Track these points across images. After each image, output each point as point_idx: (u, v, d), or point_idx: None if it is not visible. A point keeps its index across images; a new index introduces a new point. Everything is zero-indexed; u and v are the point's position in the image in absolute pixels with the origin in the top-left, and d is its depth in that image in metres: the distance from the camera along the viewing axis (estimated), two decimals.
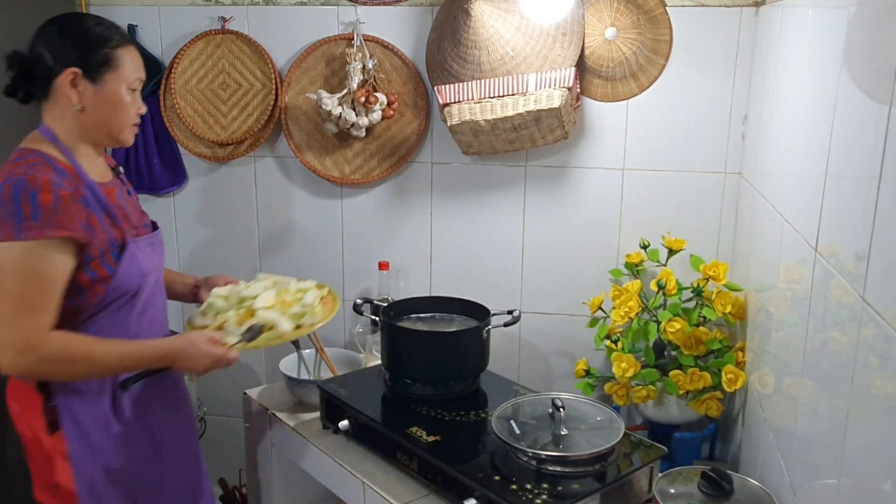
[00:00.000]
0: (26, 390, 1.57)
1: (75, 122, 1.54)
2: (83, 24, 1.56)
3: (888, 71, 0.93)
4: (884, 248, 0.92)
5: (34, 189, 1.42)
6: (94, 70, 1.52)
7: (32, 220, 1.41)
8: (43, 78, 1.53)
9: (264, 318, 1.67)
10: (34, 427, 1.57)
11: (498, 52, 2.01)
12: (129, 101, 1.57)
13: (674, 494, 1.41)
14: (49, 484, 1.58)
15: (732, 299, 1.89)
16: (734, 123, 2.06)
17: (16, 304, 1.43)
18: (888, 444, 0.88)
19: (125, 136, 1.60)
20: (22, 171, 1.44)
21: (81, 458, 1.56)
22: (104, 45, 1.53)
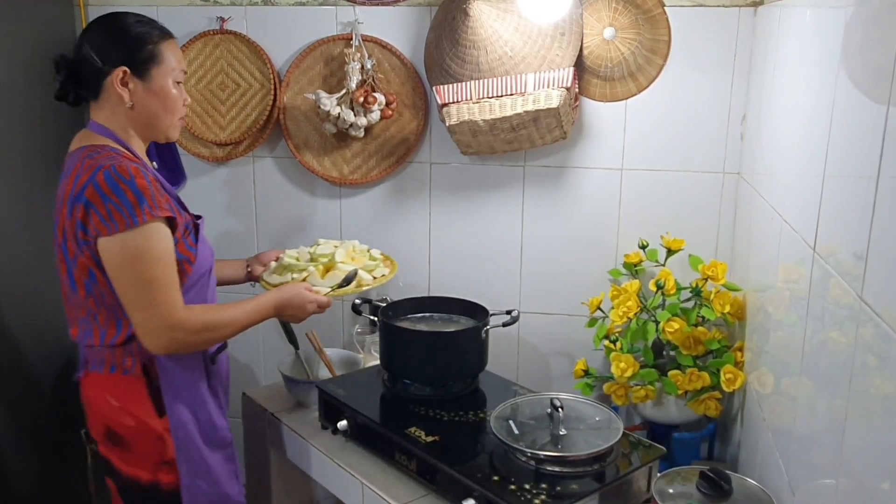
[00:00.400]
0: (125, 381, 1.62)
1: (126, 119, 1.61)
2: (125, 23, 1.60)
3: (886, 71, 0.93)
4: (882, 247, 0.92)
5: (128, 177, 1.48)
6: (141, 67, 1.58)
7: (139, 206, 1.47)
8: (93, 79, 1.59)
9: (346, 270, 1.91)
10: (139, 413, 1.62)
11: (496, 52, 2.01)
12: (175, 94, 1.63)
13: (672, 494, 1.41)
14: (162, 461, 1.65)
15: (731, 299, 1.89)
16: (732, 123, 2.06)
17: (153, 287, 1.51)
18: (886, 444, 0.88)
19: (173, 130, 1.68)
20: (106, 163, 1.50)
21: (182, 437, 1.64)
22: (147, 41, 1.59)
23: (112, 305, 1.57)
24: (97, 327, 1.61)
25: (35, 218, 2.29)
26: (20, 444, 2.24)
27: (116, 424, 1.64)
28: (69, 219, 1.52)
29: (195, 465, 1.67)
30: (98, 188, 1.47)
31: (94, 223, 1.48)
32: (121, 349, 1.61)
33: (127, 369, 1.62)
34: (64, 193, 1.54)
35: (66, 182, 1.55)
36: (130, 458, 1.66)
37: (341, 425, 1.81)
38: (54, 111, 2.36)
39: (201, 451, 1.68)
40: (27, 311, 2.26)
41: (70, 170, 1.55)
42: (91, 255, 1.52)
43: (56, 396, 2.38)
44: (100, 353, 1.63)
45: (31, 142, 2.27)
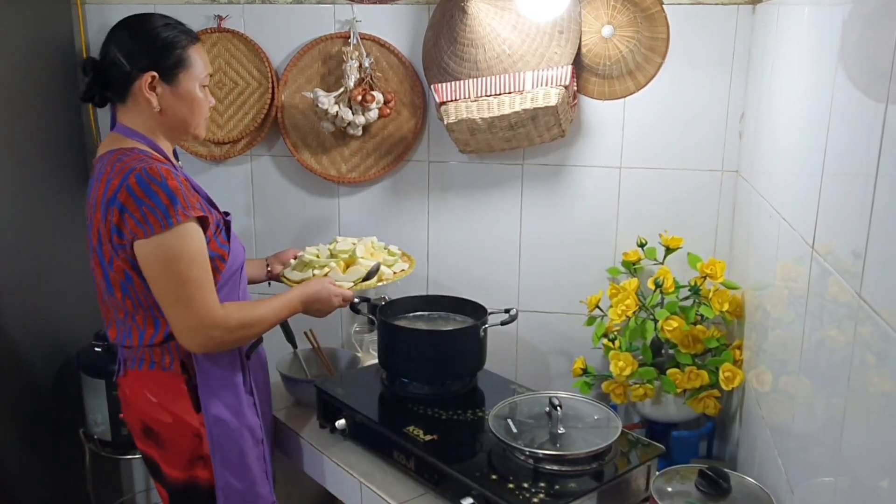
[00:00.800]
0: (164, 377, 1.64)
1: (154, 122, 1.62)
2: (153, 26, 1.60)
3: (884, 69, 0.93)
4: (880, 245, 0.92)
5: (159, 179, 1.49)
6: (169, 72, 1.59)
7: (172, 207, 1.49)
8: (120, 83, 1.59)
9: (367, 265, 1.95)
10: (176, 410, 1.64)
11: (494, 50, 2.01)
12: (202, 97, 1.65)
13: (671, 493, 1.41)
14: (196, 458, 1.67)
15: (730, 297, 1.89)
16: (731, 121, 2.06)
17: (189, 287, 1.53)
18: (885, 442, 0.88)
19: (199, 131, 1.70)
20: (136, 166, 1.50)
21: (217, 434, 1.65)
22: (176, 46, 1.60)
23: (149, 305, 1.59)
24: (136, 328, 1.63)
25: (33, 217, 2.29)
26: (19, 444, 2.24)
27: (153, 421, 1.66)
28: (104, 222, 1.53)
29: (229, 463, 1.68)
30: (131, 191, 1.48)
31: (129, 227, 1.49)
32: (159, 348, 1.63)
33: (166, 367, 1.64)
34: (96, 197, 1.54)
35: (97, 186, 1.55)
36: (166, 457, 1.68)
37: (340, 424, 1.81)
38: (52, 110, 2.37)
39: (236, 449, 1.68)
40: (26, 311, 2.26)
41: (101, 173, 1.55)
42: (126, 257, 1.53)
43: (55, 397, 2.38)
44: (139, 351, 1.65)
45: (28, 141, 2.26)
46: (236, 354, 1.70)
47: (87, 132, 2.51)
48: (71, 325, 2.44)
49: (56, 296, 2.39)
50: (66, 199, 2.43)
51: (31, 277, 2.28)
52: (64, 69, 2.41)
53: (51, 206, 2.35)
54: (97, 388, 2.27)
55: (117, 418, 2.27)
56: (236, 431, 1.68)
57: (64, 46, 2.41)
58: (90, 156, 2.53)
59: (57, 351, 2.39)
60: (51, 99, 2.36)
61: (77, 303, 2.45)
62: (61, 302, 2.40)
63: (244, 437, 1.70)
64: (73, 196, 2.47)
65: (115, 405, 2.26)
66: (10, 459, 2.20)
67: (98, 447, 2.35)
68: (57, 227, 2.37)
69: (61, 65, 2.40)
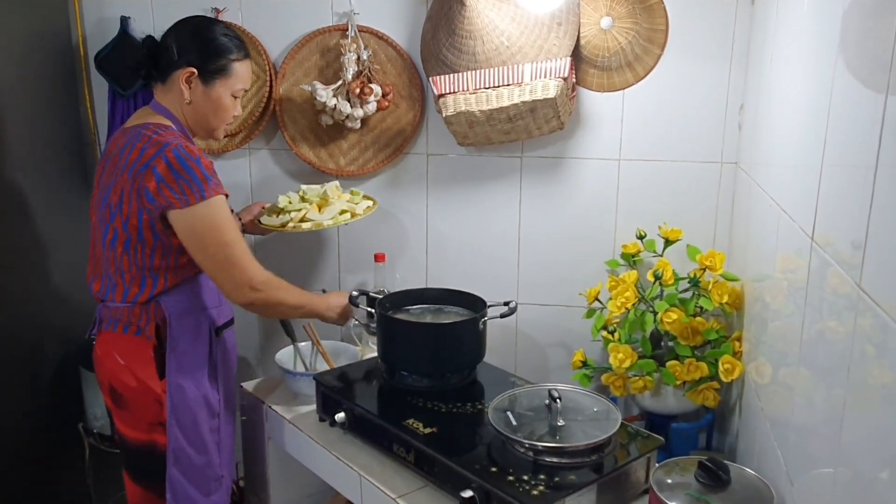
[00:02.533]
0: (134, 342, 1.76)
1: (181, 110, 1.79)
2: (213, 32, 1.78)
3: (884, 60, 0.93)
4: (880, 236, 0.92)
5: (194, 156, 1.66)
6: (208, 74, 1.76)
7: (206, 182, 1.66)
8: (165, 66, 1.77)
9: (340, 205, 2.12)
10: (142, 375, 1.76)
11: (493, 42, 2.00)
12: (228, 105, 1.81)
13: (671, 485, 1.41)
14: (155, 423, 1.78)
15: (729, 289, 1.89)
16: (730, 113, 2.06)
17: (231, 248, 1.69)
18: (885, 434, 0.88)
19: (218, 133, 1.87)
20: (173, 141, 1.67)
21: (176, 398, 1.77)
22: (224, 55, 1.77)
23: (143, 267, 1.72)
24: (122, 285, 1.75)
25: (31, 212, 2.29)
26: (18, 439, 2.24)
27: (119, 383, 1.77)
28: (132, 183, 1.66)
29: (184, 428, 1.79)
30: (170, 164, 1.63)
31: (164, 196, 1.64)
32: (139, 308, 1.75)
33: (140, 328, 1.75)
34: (129, 161, 1.67)
35: (130, 151, 1.68)
36: (128, 418, 1.80)
37: (339, 417, 1.81)
38: (49, 105, 2.36)
39: (191, 416, 1.79)
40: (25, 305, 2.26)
41: (136, 141, 1.69)
42: (150, 220, 1.67)
43: (54, 391, 2.38)
44: (117, 311, 1.77)
45: (25, 135, 2.26)
46: (207, 328, 1.83)
47: (84, 126, 2.50)
48: (70, 320, 2.43)
49: (54, 290, 2.38)
50: (63, 194, 2.43)
51: (28, 272, 2.28)
52: (61, 63, 2.40)
53: (48, 201, 2.34)
54: (96, 382, 2.27)
55: None
56: (193, 400, 1.79)
57: (61, 41, 2.40)
58: (88, 150, 2.52)
59: (56, 345, 2.39)
60: (48, 93, 2.36)
61: (75, 297, 2.44)
62: (60, 296, 2.40)
63: (200, 406, 1.81)
64: (70, 190, 2.46)
65: None
66: (9, 454, 2.20)
67: (97, 441, 2.36)
68: (55, 220, 2.37)
69: (58, 59, 2.39)
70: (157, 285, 1.75)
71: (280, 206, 2.16)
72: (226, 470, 1.91)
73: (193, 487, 1.83)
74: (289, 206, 2.14)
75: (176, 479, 1.80)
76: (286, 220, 2.10)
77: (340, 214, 2.11)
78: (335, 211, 2.11)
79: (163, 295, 1.76)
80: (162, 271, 1.75)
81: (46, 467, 2.36)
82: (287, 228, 2.09)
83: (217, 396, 1.86)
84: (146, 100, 2.35)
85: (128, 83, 2.35)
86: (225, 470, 1.91)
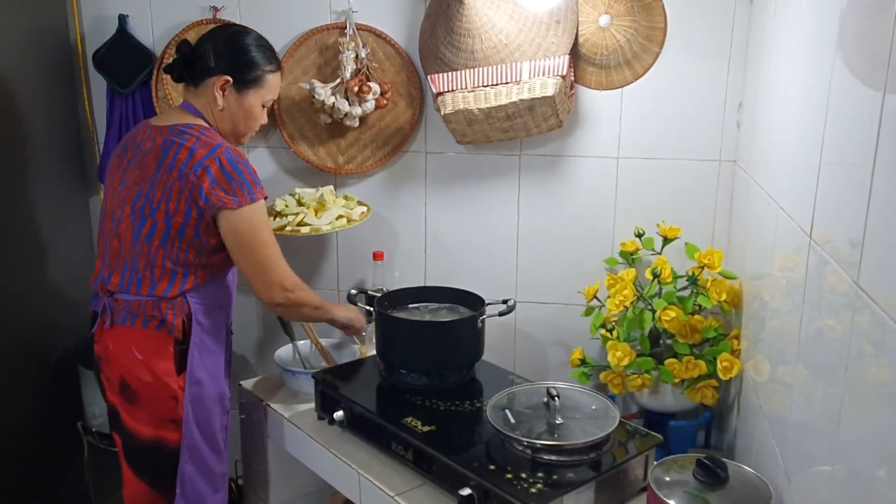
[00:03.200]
0: (154, 337, 1.77)
1: (213, 114, 1.83)
2: (248, 42, 1.83)
3: (882, 58, 0.93)
4: (878, 234, 0.92)
5: (242, 159, 1.74)
6: (242, 84, 1.82)
7: (255, 185, 1.74)
8: (200, 73, 1.81)
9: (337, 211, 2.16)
10: (159, 371, 1.77)
11: (491, 40, 2.00)
12: (259, 114, 1.88)
13: (669, 482, 1.41)
14: (167, 419, 1.80)
15: (727, 287, 1.89)
16: (729, 111, 2.05)
17: (270, 249, 1.77)
18: (882, 432, 0.88)
19: (244, 140, 1.92)
20: (223, 143, 1.74)
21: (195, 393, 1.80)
22: (259, 66, 1.82)
23: (178, 261, 1.75)
24: (150, 278, 1.76)
25: (29, 210, 2.28)
26: (17, 437, 2.24)
27: (133, 378, 1.77)
28: (183, 181, 1.70)
29: (200, 424, 1.81)
30: (223, 166, 1.69)
31: (216, 195, 1.69)
32: (166, 302, 1.76)
33: (164, 323, 1.77)
34: (178, 159, 1.70)
35: (177, 151, 1.71)
36: (137, 413, 1.79)
37: (338, 416, 1.81)
38: (48, 103, 2.36)
39: (206, 412, 1.82)
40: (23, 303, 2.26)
41: (183, 141, 1.72)
42: (198, 218, 1.72)
43: (53, 389, 2.38)
44: (138, 305, 1.77)
45: (24, 133, 2.26)
46: (223, 326, 1.88)
47: (82, 124, 2.50)
48: (68, 318, 2.43)
49: (53, 288, 2.38)
50: (62, 192, 2.42)
51: (27, 270, 2.28)
52: (59, 62, 2.40)
53: (47, 199, 2.34)
54: (95, 380, 2.27)
55: None
56: (210, 397, 1.83)
57: (59, 39, 2.40)
58: (86, 146, 2.52)
59: (55, 344, 2.39)
60: (46, 92, 2.35)
61: (74, 295, 2.44)
62: (58, 294, 2.40)
63: (215, 403, 1.85)
64: (69, 188, 2.46)
65: None
66: (8, 452, 2.20)
67: (96, 440, 2.36)
68: (53, 219, 2.36)
69: (57, 57, 2.39)
70: (188, 281, 1.77)
71: (277, 210, 2.18)
72: (227, 466, 1.94)
73: (203, 484, 1.84)
74: (286, 209, 2.17)
75: (188, 476, 1.81)
76: (283, 224, 2.13)
77: (337, 220, 2.15)
78: (332, 216, 2.15)
79: (191, 291, 1.78)
80: (194, 268, 1.78)
81: (45, 466, 2.36)
82: (285, 232, 2.11)
83: (229, 394, 1.90)
84: (144, 98, 2.37)
85: (126, 81, 2.35)
86: (226, 466, 1.93)
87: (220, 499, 1.89)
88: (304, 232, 2.12)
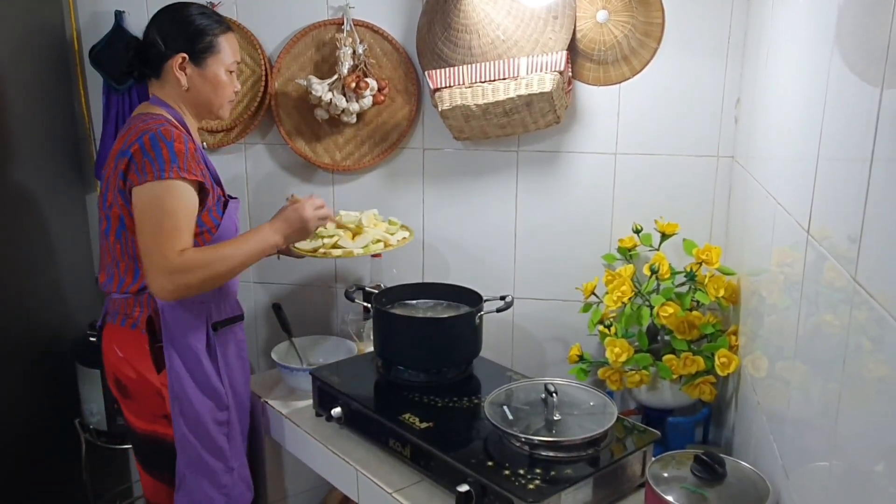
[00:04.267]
0: (131, 335, 1.76)
1: (182, 99, 1.79)
2: (189, 13, 1.78)
3: (879, 53, 0.93)
4: (876, 229, 0.91)
5: (169, 139, 1.65)
6: (198, 55, 1.76)
7: (170, 164, 1.63)
8: (155, 61, 1.77)
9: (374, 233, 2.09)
10: (140, 368, 1.77)
11: (489, 35, 2.00)
12: (226, 81, 1.81)
13: (667, 478, 1.41)
14: (160, 415, 1.81)
15: (725, 283, 1.89)
16: (727, 107, 2.05)
17: (160, 236, 1.63)
18: (880, 427, 0.88)
19: (223, 112, 1.85)
20: (154, 127, 1.66)
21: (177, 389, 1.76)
22: (208, 33, 1.77)
23: (133, 254, 1.72)
24: (118, 275, 1.77)
25: (26, 207, 2.28)
26: (14, 435, 2.24)
27: (122, 375, 1.80)
28: (113, 170, 1.68)
29: (187, 419, 1.78)
30: (142, 146, 1.63)
31: (130, 174, 1.64)
32: (133, 298, 1.77)
33: (135, 322, 1.76)
34: (115, 151, 1.70)
35: (118, 141, 1.71)
36: (135, 408, 1.83)
37: (335, 412, 1.81)
38: (43, 99, 2.35)
39: (193, 408, 1.78)
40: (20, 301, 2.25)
41: (124, 131, 1.72)
42: (125, 203, 1.68)
43: (50, 386, 2.37)
44: (117, 303, 1.79)
45: (19, 129, 2.25)
46: (203, 320, 1.80)
47: (79, 121, 2.50)
48: (65, 315, 2.43)
49: (49, 285, 2.38)
50: (59, 189, 2.42)
51: (24, 266, 2.27)
52: (55, 58, 2.39)
53: (44, 196, 2.34)
54: (92, 377, 2.27)
55: (113, 408, 2.27)
56: (194, 392, 1.78)
57: (55, 35, 2.39)
58: (82, 143, 2.52)
59: (51, 341, 2.38)
60: (42, 88, 2.35)
61: (71, 292, 2.44)
62: (55, 292, 2.39)
63: (203, 399, 1.79)
64: (66, 185, 2.45)
65: (110, 395, 2.26)
66: (5, 450, 2.20)
67: (94, 437, 2.35)
68: (50, 215, 2.36)
69: (53, 53, 2.38)
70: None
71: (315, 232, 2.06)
72: (238, 462, 1.88)
73: (202, 478, 1.82)
74: (323, 230, 2.08)
75: (182, 471, 1.81)
76: (317, 246, 2.06)
77: (374, 243, 2.07)
78: (368, 240, 2.06)
79: None
80: None
81: (43, 463, 2.36)
82: (318, 254, 2.04)
83: (223, 390, 1.83)
84: (141, 94, 2.36)
85: (122, 78, 2.34)
86: (237, 462, 1.88)
87: (227, 492, 1.86)
88: (336, 255, 2.04)
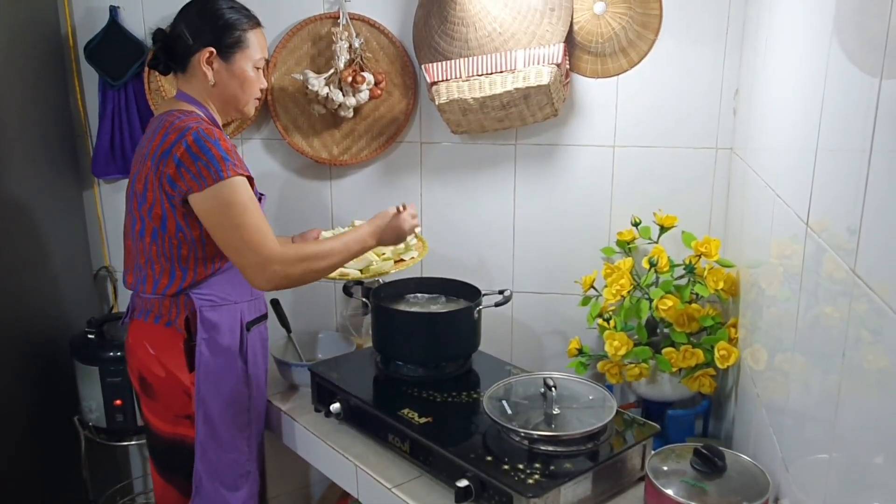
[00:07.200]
0: (166, 332, 1.75)
1: (208, 94, 1.77)
2: (218, 7, 1.74)
3: (878, 43, 0.92)
4: (875, 221, 0.91)
5: (214, 138, 1.63)
6: (226, 50, 1.73)
7: (225, 162, 1.62)
8: (182, 55, 1.74)
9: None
10: (170, 366, 1.76)
11: (485, 28, 1.99)
12: (253, 78, 1.78)
13: (667, 472, 1.41)
14: (182, 415, 1.79)
15: (724, 276, 1.88)
16: (725, 98, 2.04)
17: (245, 230, 1.63)
18: (880, 419, 0.87)
19: (248, 108, 1.83)
20: (194, 125, 1.64)
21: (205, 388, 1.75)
22: (237, 28, 1.74)
23: (171, 257, 1.71)
24: (151, 276, 1.74)
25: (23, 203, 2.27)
26: (13, 433, 2.23)
27: (148, 372, 1.78)
28: (155, 171, 1.65)
29: (213, 424, 1.77)
30: (188, 148, 1.61)
31: (185, 180, 1.62)
32: (169, 300, 1.74)
33: (171, 321, 1.74)
34: (151, 148, 1.66)
35: (153, 139, 1.67)
36: (156, 408, 1.81)
37: (334, 408, 1.81)
38: (38, 95, 2.34)
39: (218, 410, 1.77)
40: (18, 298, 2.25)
41: (158, 128, 1.67)
42: (171, 207, 1.66)
43: (48, 384, 2.37)
44: (149, 302, 1.76)
45: (15, 126, 2.24)
46: (237, 322, 1.79)
47: (75, 118, 2.49)
48: (63, 313, 2.43)
49: (48, 283, 2.37)
50: (55, 185, 2.41)
51: (21, 264, 2.27)
52: (50, 54, 2.38)
53: (40, 193, 2.33)
54: (91, 375, 2.27)
55: (112, 405, 2.27)
56: (222, 394, 1.77)
57: (49, 31, 2.38)
58: (78, 140, 2.51)
59: (50, 338, 2.38)
60: (37, 85, 2.33)
61: (69, 289, 2.43)
62: (53, 289, 2.39)
63: (229, 401, 1.78)
64: (62, 181, 2.45)
65: (109, 392, 2.26)
66: (4, 448, 2.20)
67: (93, 434, 2.35)
68: (46, 213, 2.35)
69: (47, 50, 2.37)
70: (187, 278, 1.72)
71: None
72: (255, 465, 1.88)
73: (219, 483, 1.80)
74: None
75: (201, 474, 1.79)
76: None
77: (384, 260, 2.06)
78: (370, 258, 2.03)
79: (193, 288, 1.73)
80: (191, 263, 1.72)
81: (42, 460, 2.35)
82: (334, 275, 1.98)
83: (247, 391, 1.82)
84: (137, 90, 2.35)
85: (118, 74, 2.33)
86: (254, 465, 1.87)
87: (241, 496, 1.84)
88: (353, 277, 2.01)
